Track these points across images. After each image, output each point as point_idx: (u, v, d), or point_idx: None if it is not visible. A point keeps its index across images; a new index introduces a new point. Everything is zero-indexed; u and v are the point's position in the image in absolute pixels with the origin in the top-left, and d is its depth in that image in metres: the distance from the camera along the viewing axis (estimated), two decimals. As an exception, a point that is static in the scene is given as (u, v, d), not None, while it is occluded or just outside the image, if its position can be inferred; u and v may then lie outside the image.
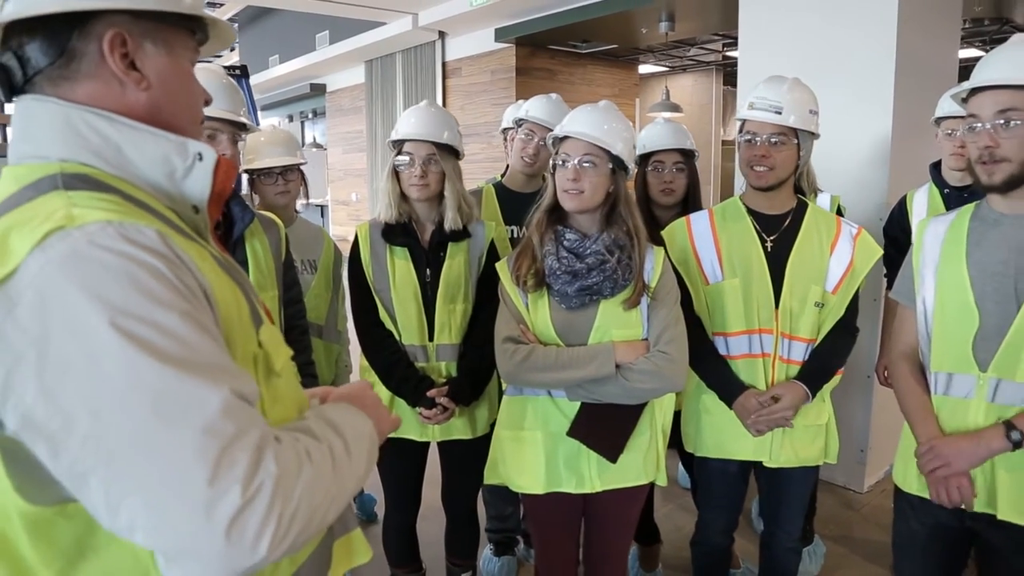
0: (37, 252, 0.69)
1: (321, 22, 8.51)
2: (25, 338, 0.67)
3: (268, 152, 2.47)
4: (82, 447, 0.66)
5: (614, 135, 1.79)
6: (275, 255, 1.96)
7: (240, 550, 0.67)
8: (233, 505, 0.66)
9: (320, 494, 0.74)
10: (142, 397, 0.66)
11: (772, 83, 1.99)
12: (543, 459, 1.86)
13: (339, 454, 0.81)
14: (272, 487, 0.69)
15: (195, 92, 0.95)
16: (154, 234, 0.75)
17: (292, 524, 0.70)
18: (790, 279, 1.98)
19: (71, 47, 0.82)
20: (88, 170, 0.81)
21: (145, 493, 0.66)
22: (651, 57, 8.00)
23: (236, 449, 0.68)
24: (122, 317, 0.67)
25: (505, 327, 1.86)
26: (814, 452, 2.07)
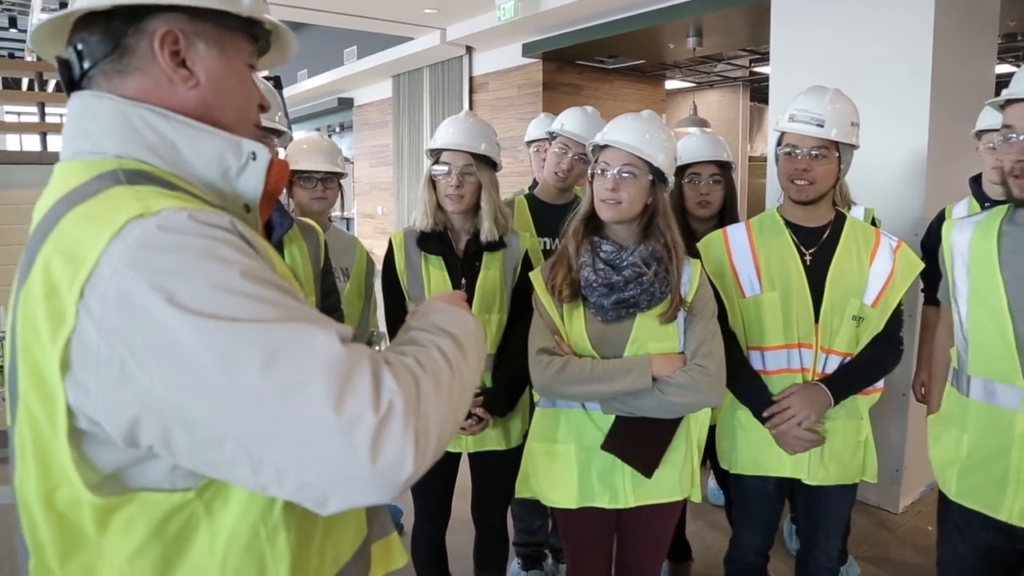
0: (116, 242, 0.69)
1: (350, 37, 8.60)
2: (126, 332, 0.68)
3: (310, 158, 2.48)
4: (211, 416, 0.67)
5: (655, 146, 1.78)
6: (314, 261, 1.97)
7: (388, 468, 0.68)
8: (369, 426, 0.67)
9: (444, 398, 0.76)
10: (251, 356, 0.67)
11: (814, 94, 1.97)
12: (576, 473, 1.84)
13: (452, 354, 0.82)
14: (402, 404, 0.70)
15: (248, 95, 0.94)
16: (228, 220, 0.76)
17: (429, 433, 0.72)
18: (830, 292, 1.95)
19: (125, 42, 0.84)
20: (145, 167, 0.82)
21: (282, 440, 0.67)
22: (678, 73, 7.99)
23: (355, 377, 0.69)
24: (212, 298, 0.68)
25: (539, 338, 1.84)
26: (853, 469, 2.03)
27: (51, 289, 0.71)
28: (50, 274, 0.72)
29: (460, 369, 0.82)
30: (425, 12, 6.61)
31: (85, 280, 0.69)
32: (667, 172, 1.80)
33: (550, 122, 3.08)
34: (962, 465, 1.72)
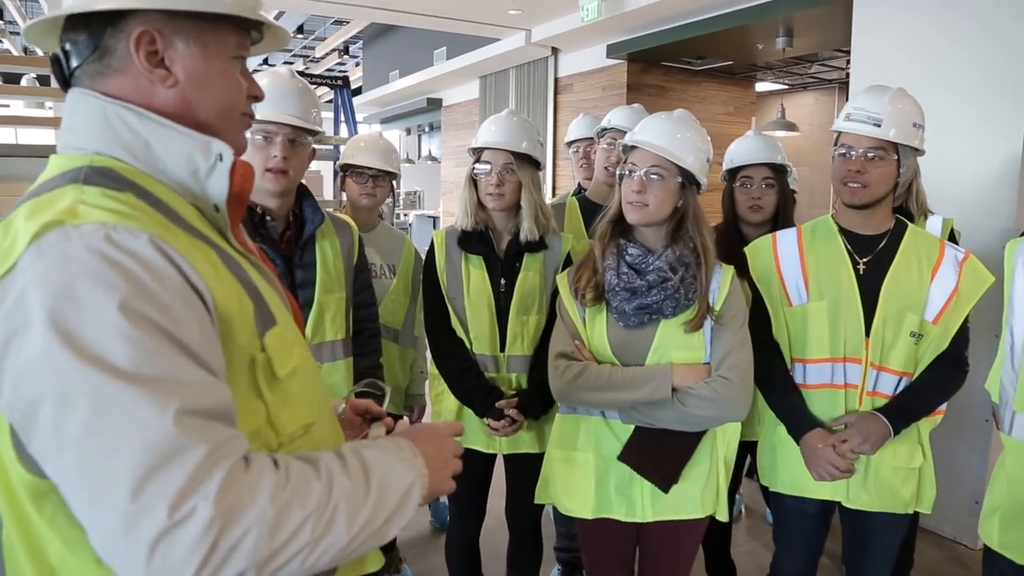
0: (33, 247, 0.72)
1: (439, 39, 8.72)
2: (12, 324, 0.70)
3: (364, 155, 2.52)
4: (40, 437, 0.69)
5: (685, 147, 1.70)
6: (345, 257, 1.99)
7: (162, 574, 0.65)
8: (157, 524, 0.65)
9: (288, 530, 0.71)
10: (84, 403, 0.67)
11: (873, 93, 1.84)
12: (593, 482, 1.79)
13: (346, 496, 0.77)
14: (209, 511, 0.66)
15: (232, 89, 0.94)
16: (146, 239, 0.76)
17: (232, 556, 0.67)
18: (884, 305, 1.82)
19: (104, 43, 0.85)
20: (115, 164, 0.84)
21: (82, 494, 0.68)
22: (769, 74, 7.70)
23: (172, 463, 0.66)
24: (82, 324, 0.69)
25: (560, 342, 1.80)
26: (903, 498, 1.88)
27: None
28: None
29: (341, 517, 0.76)
30: (510, 13, 6.62)
31: (3, 275, 0.73)
32: (698, 174, 1.72)
33: (591, 122, 3.06)
34: (1003, 512, 1.57)
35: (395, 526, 0.83)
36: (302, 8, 7.28)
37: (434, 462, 0.92)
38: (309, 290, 1.88)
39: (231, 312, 0.83)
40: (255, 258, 0.99)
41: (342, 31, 10.15)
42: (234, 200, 0.92)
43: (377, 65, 10.98)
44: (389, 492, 0.82)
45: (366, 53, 11.41)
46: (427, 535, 3.30)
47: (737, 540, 3.23)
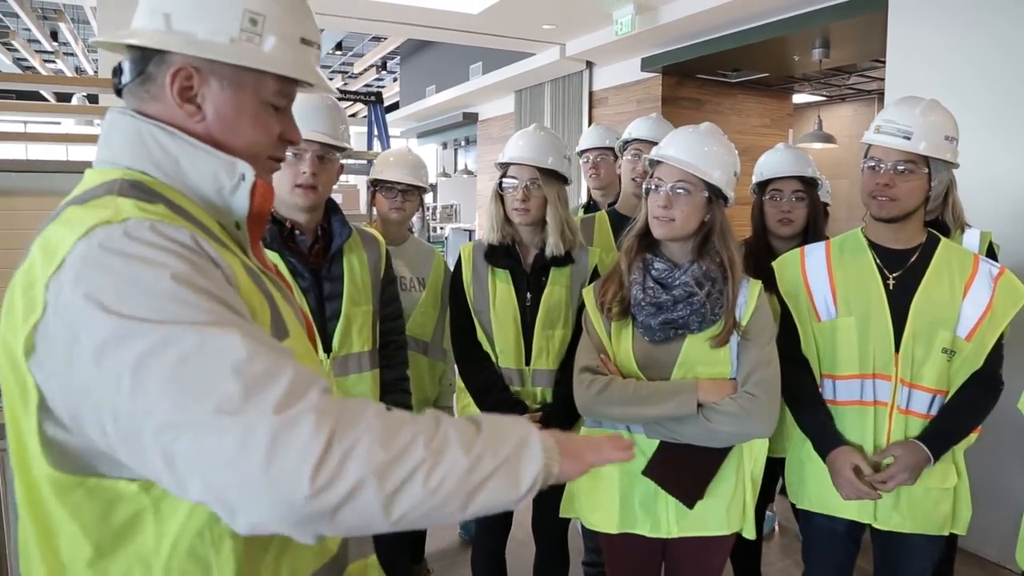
0: (81, 243, 0.76)
1: (475, 54, 8.81)
2: (72, 323, 0.73)
3: (393, 170, 2.56)
4: (130, 408, 0.70)
5: (712, 161, 1.70)
6: (373, 270, 2.02)
7: (281, 477, 0.65)
8: (268, 429, 0.66)
9: (400, 441, 0.69)
10: (165, 354, 0.69)
11: (903, 105, 1.81)
12: (618, 497, 1.78)
13: (455, 426, 0.75)
14: (314, 417, 0.67)
15: (259, 135, 0.96)
16: (187, 233, 0.80)
17: (347, 465, 0.66)
18: (914, 321, 1.79)
19: (148, 71, 0.91)
20: (145, 178, 0.88)
21: (186, 436, 0.68)
22: (806, 86, 7.61)
23: (267, 384, 0.69)
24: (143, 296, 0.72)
25: (585, 356, 1.80)
26: (936, 519, 1.83)
27: (30, 282, 0.78)
28: (31, 267, 0.79)
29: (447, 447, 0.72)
30: (544, 28, 6.66)
31: (52, 274, 0.75)
32: (725, 188, 1.71)
33: (602, 132, 3.08)
34: None
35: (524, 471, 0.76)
36: (341, 26, 7.40)
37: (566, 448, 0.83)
38: (336, 302, 1.91)
39: (256, 314, 0.86)
40: (272, 275, 1.02)
41: (379, 47, 10.30)
42: (254, 218, 0.96)
43: (414, 80, 11.12)
44: (505, 432, 0.78)
45: (403, 69, 11.57)
46: (456, 547, 3.31)
47: (770, 558, 3.18)
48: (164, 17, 0.88)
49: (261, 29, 0.91)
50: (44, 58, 11.70)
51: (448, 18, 6.43)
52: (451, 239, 10.84)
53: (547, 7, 6.00)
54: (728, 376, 1.72)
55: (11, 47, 10.94)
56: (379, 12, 6.20)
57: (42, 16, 9.61)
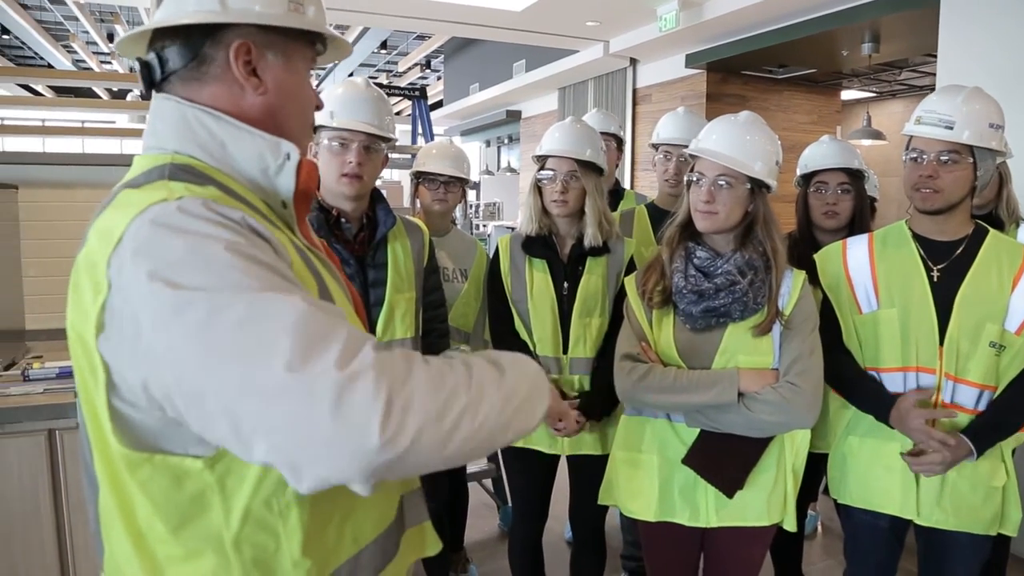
0: (136, 220, 0.79)
1: (518, 51, 8.84)
2: (134, 297, 0.76)
3: (436, 162, 2.60)
4: (193, 372, 0.72)
5: (752, 153, 1.70)
6: (416, 259, 2.06)
7: (350, 427, 0.67)
8: (332, 380, 0.68)
9: (447, 389, 0.74)
10: (225, 318, 0.72)
11: (945, 94, 1.78)
12: (657, 485, 1.79)
13: (483, 369, 0.80)
14: (375, 372, 0.69)
15: (307, 99, 1.03)
16: (239, 213, 0.83)
17: (409, 414, 0.70)
18: (959, 313, 1.76)
19: (203, 52, 0.93)
20: (194, 162, 0.92)
21: (250, 396, 0.70)
22: (855, 82, 7.47)
23: (327, 339, 0.71)
24: (205, 263, 0.75)
25: (625, 343, 1.81)
26: (984, 518, 1.79)
27: (92, 263, 0.82)
28: (91, 250, 0.83)
29: (483, 386, 0.78)
30: (588, 25, 6.66)
31: (111, 252, 0.79)
32: (766, 178, 1.71)
33: (602, 117, 3.08)
34: None
35: (538, 407, 0.86)
36: (385, 24, 7.51)
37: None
38: (380, 289, 1.96)
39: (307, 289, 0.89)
40: (320, 253, 1.05)
41: (424, 46, 10.41)
42: (300, 196, 0.99)
43: (458, 78, 11.19)
44: (525, 370, 0.86)
45: (447, 67, 11.66)
46: (495, 538, 3.34)
47: (811, 558, 3.15)
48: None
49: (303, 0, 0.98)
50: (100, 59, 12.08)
51: (492, 16, 6.47)
52: (493, 236, 10.89)
53: (591, 4, 6.00)
54: (770, 366, 1.71)
55: (70, 48, 11.32)
56: (424, 10, 6.27)
57: (99, 19, 9.93)
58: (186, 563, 0.85)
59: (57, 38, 10.85)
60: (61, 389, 2.18)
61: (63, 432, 2.09)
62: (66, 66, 11.84)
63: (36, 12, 9.68)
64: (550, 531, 2.39)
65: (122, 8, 9.08)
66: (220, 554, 0.85)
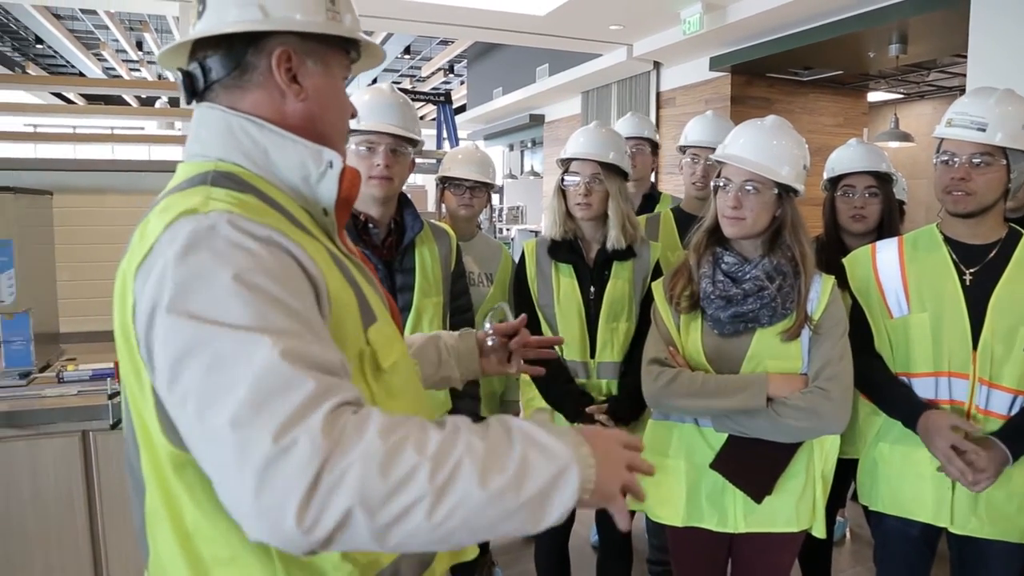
0: (167, 232, 0.81)
1: (541, 55, 8.86)
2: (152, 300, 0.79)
3: (462, 167, 2.61)
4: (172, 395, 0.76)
5: (779, 157, 1.69)
6: (443, 263, 2.07)
7: (269, 509, 0.66)
8: (263, 454, 0.66)
9: (400, 471, 0.67)
10: (204, 355, 0.73)
11: (977, 96, 1.76)
12: (684, 490, 1.78)
13: (473, 452, 0.71)
14: (311, 442, 0.66)
15: (344, 105, 1.05)
16: (265, 228, 0.83)
17: (336, 491, 0.66)
18: (992, 317, 1.73)
19: (246, 61, 0.95)
20: (237, 169, 0.93)
21: (202, 439, 0.73)
22: (882, 83, 7.39)
23: (281, 397, 0.69)
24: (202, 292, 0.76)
25: (653, 348, 1.81)
26: (1020, 527, 1.76)
27: (124, 271, 0.86)
28: (130, 256, 0.86)
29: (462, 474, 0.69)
30: (611, 29, 6.66)
31: (139, 264, 0.82)
32: (794, 183, 1.70)
33: (638, 122, 3.07)
34: None
35: (552, 509, 0.73)
36: (409, 30, 7.56)
37: (604, 459, 0.80)
38: (408, 294, 1.97)
39: (342, 304, 0.90)
40: (357, 260, 1.06)
41: (447, 51, 10.45)
42: (341, 204, 0.99)
43: (481, 83, 11.23)
44: (536, 465, 0.73)
45: (470, 71, 11.70)
46: (520, 542, 3.34)
47: (840, 565, 3.12)
48: (259, 7, 0.93)
49: (339, 8, 0.99)
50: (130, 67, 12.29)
51: (515, 20, 6.49)
52: (517, 240, 10.91)
53: (614, 8, 6.00)
54: (799, 371, 1.70)
55: (101, 57, 11.52)
56: (447, 15, 6.31)
57: (129, 28, 10.10)
58: (231, 565, 0.86)
59: (88, 47, 11.06)
60: (95, 391, 2.22)
61: (97, 434, 2.12)
62: (97, 74, 12.06)
63: (68, 22, 9.87)
64: (576, 535, 2.39)
65: (151, 17, 9.22)
66: (264, 557, 0.86)
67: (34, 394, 2.17)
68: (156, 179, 2.97)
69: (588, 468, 0.77)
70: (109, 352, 2.62)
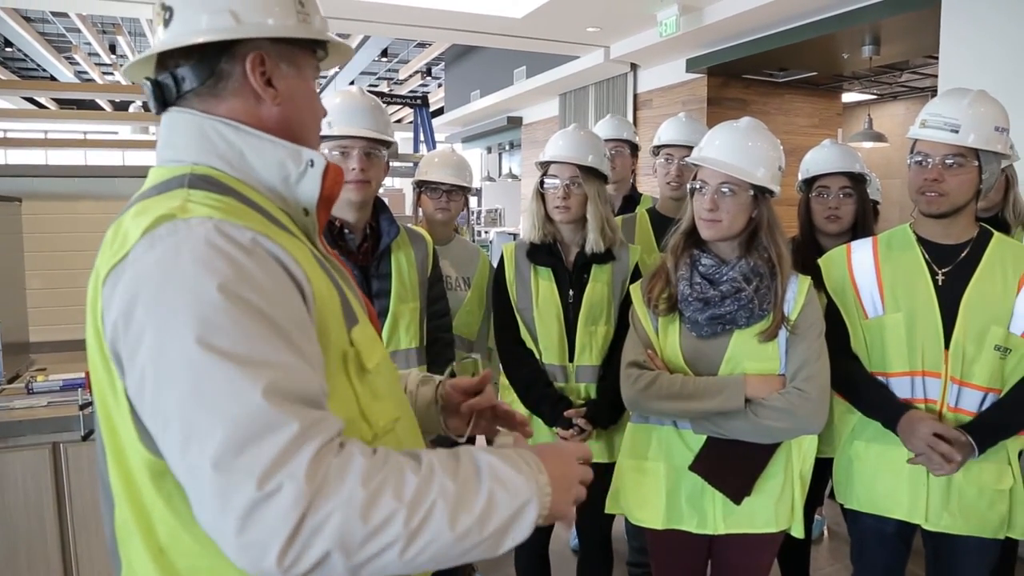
0: (145, 238, 0.79)
1: (519, 58, 8.86)
2: (122, 307, 0.77)
3: (438, 171, 2.60)
4: (152, 405, 0.75)
5: (755, 159, 1.69)
6: (420, 269, 2.06)
7: (250, 547, 0.68)
8: (247, 498, 0.67)
9: (378, 517, 0.70)
10: (186, 375, 0.72)
11: (950, 97, 1.78)
12: (664, 493, 1.78)
13: (446, 496, 0.75)
14: (295, 488, 0.67)
15: (317, 105, 1.05)
16: (250, 233, 0.82)
17: (316, 536, 0.68)
18: (964, 317, 1.75)
19: (220, 68, 0.93)
20: (214, 172, 0.91)
21: (183, 467, 0.72)
22: (856, 84, 7.47)
23: (263, 439, 0.69)
24: (184, 305, 0.74)
25: (632, 351, 1.81)
26: (991, 521, 1.79)
27: (97, 271, 0.83)
28: (101, 257, 0.84)
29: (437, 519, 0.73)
30: (588, 31, 6.68)
31: (113, 266, 0.80)
32: (769, 184, 1.71)
33: (618, 123, 3.08)
34: None
35: (508, 540, 0.79)
36: (386, 32, 7.53)
37: (558, 483, 0.86)
38: (384, 300, 1.95)
39: (326, 305, 0.88)
40: (336, 262, 1.05)
41: (424, 53, 10.43)
42: (323, 203, 0.98)
43: (458, 85, 11.21)
44: (500, 503, 0.78)
45: (448, 74, 11.68)
46: (501, 546, 3.33)
47: (819, 563, 3.14)
48: (231, 14, 0.92)
49: (308, 10, 0.99)
50: (103, 70, 12.13)
51: (492, 23, 6.48)
52: (495, 243, 10.89)
53: (591, 10, 6.01)
54: (776, 371, 1.71)
55: (73, 60, 11.37)
56: (424, 18, 6.29)
57: (101, 31, 9.97)
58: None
59: (60, 50, 10.90)
60: (66, 402, 2.18)
61: (67, 445, 2.09)
62: (69, 77, 11.89)
63: (39, 24, 9.73)
64: (556, 539, 2.38)
65: (124, 20, 9.11)
66: None
67: (2, 406, 2.13)
68: (130, 184, 2.93)
69: (545, 496, 0.83)
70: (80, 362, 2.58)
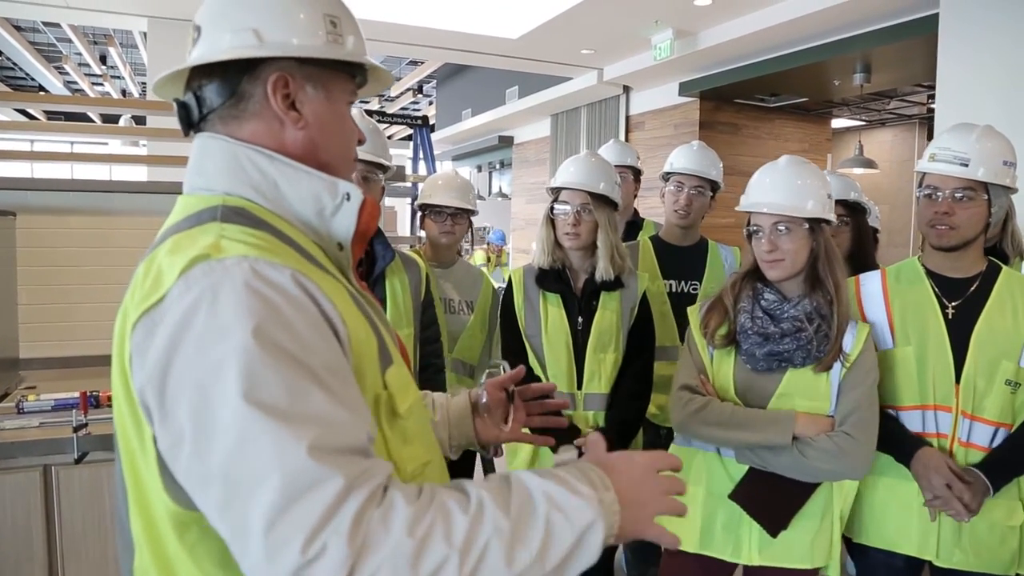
0: (180, 281, 0.75)
1: (511, 78, 8.89)
2: (158, 357, 0.74)
3: (442, 194, 2.57)
4: (190, 463, 0.72)
5: (801, 194, 1.72)
6: (414, 294, 2.04)
7: None
8: (292, 561, 0.65)
9: (431, 563, 0.67)
10: (229, 433, 0.69)
11: (958, 132, 1.79)
12: (700, 517, 1.78)
13: (500, 533, 0.71)
14: (340, 548, 0.66)
15: (349, 132, 0.99)
16: (288, 273, 0.78)
17: None
18: (975, 351, 1.75)
19: (241, 89, 0.90)
20: (247, 204, 0.87)
21: (227, 526, 0.70)
22: (845, 110, 7.56)
23: (307, 498, 0.67)
24: (223, 354, 0.71)
25: (684, 374, 1.82)
26: (1002, 558, 1.78)
27: (125, 313, 0.80)
28: (131, 299, 0.80)
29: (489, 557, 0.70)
30: (582, 52, 6.71)
31: (144, 311, 0.77)
32: (821, 214, 1.72)
33: (620, 149, 3.07)
34: None
35: (574, 567, 0.74)
36: (380, 50, 7.53)
37: (631, 498, 0.82)
38: None
39: (362, 347, 0.84)
40: (370, 297, 1.01)
41: (417, 71, 10.44)
42: (358, 238, 0.95)
43: (450, 104, 11.24)
44: (559, 531, 0.74)
45: (439, 92, 11.70)
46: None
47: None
48: (253, 32, 0.89)
49: (341, 30, 0.94)
50: (92, 81, 12.05)
51: (488, 43, 6.51)
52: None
53: (586, 32, 6.05)
54: (826, 411, 1.72)
55: (63, 71, 11.29)
56: (420, 37, 6.30)
57: (92, 41, 9.91)
58: None
59: (50, 59, 10.82)
60: (58, 423, 2.13)
61: (59, 468, 2.03)
62: (59, 88, 11.80)
63: (29, 34, 9.66)
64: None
65: (116, 31, 9.06)
66: None
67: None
68: (121, 200, 2.89)
69: (612, 515, 0.78)
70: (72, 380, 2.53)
